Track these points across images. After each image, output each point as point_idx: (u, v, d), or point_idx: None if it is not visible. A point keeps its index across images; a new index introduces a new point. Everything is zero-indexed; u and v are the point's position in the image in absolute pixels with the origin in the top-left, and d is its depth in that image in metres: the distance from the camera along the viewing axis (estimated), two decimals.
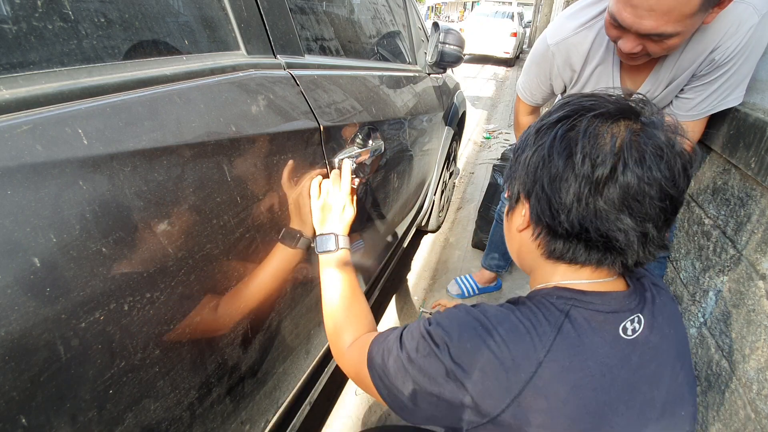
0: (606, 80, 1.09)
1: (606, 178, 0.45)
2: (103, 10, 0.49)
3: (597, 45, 1.04)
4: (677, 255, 1.27)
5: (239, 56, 0.68)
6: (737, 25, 0.87)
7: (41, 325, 0.37)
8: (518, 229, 0.56)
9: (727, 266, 1.00)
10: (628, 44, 0.86)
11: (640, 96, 0.50)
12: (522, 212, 0.55)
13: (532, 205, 0.52)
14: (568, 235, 0.49)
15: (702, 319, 1.08)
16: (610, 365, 0.48)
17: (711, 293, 1.06)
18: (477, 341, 0.48)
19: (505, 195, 0.60)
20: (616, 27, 0.87)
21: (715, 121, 1.08)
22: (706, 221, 1.13)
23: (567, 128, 0.48)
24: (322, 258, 0.77)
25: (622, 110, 0.47)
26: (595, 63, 1.07)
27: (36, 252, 0.36)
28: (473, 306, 0.54)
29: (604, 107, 0.48)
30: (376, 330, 0.71)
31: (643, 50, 0.87)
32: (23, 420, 0.37)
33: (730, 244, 1.00)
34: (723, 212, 1.05)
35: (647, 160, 0.45)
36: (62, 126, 0.40)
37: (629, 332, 0.50)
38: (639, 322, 0.51)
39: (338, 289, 0.74)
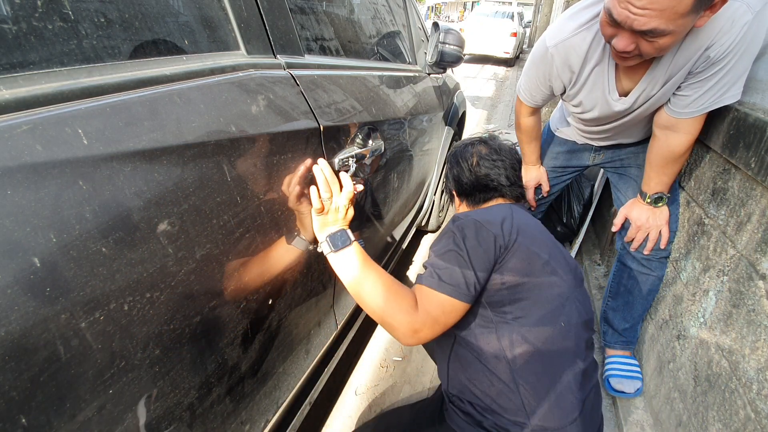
0: (603, 81, 1.09)
1: (475, 166, 1.00)
2: (103, 10, 0.49)
3: (595, 46, 1.04)
4: (677, 255, 1.27)
5: (239, 56, 0.68)
6: (732, 22, 0.88)
7: (41, 325, 0.37)
8: (457, 207, 1.07)
9: (727, 266, 1.00)
10: (621, 42, 0.87)
11: (490, 132, 1.00)
12: (455, 198, 1.07)
13: (457, 190, 1.05)
14: (472, 191, 1.01)
15: (702, 319, 1.08)
16: (536, 222, 0.90)
17: (711, 293, 1.06)
18: (479, 212, 0.86)
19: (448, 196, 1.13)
20: (611, 24, 0.87)
21: (714, 121, 1.08)
22: (706, 221, 1.13)
23: (453, 153, 1.08)
24: (338, 256, 0.79)
25: (478, 140, 1.07)
26: (593, 63, 1.07)
27: (36, 252, 0.36)
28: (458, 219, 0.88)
29: (472, 140, 1.07)
30: (409, 289, 0.83)
31: (635, 49, 0.88)
32: (23, 420, 0.37)
33: (730, 244, 1.01)
34: (723, 212, 1.05)
35: (489, 157, 1.01)
36: (62, 126, 0.40)
37: (515, 208, 0.91)
38: (532, 216, 0.94)
39: (372, 277, 0.78)
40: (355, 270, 0.79)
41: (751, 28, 0.88)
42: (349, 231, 0.82)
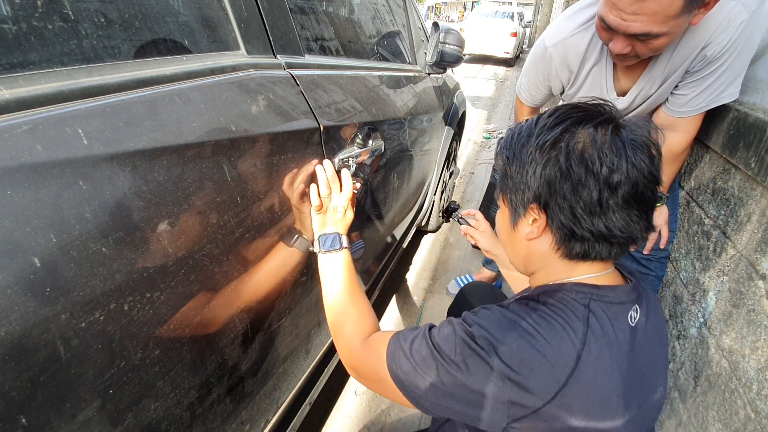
0: (601, 80, 1.10)
1: (621, 180, 0.51)
2: (103, 10, 0.49)
3: (593, 46, 1.05)
4: (677, 255, 1.27)
5: (239, 56, 0.68)
6: (728, 21, 0.89)
7: (41, 325, 0.37)
8: (528, 237, 0.59)
9: (727, 266, 1.00)
10: (618, 45, 0.88)
11: (602, 100, 0.57)
12: (529, 221, 0.58)
13: (552, 214, 0.55)
14: (592, 236, 0.54)
15: (702, 319, 1.08)
16: (626, 350, 0.54)
17: (711, 293, 1.06)
18: (521, 342, 0.51)
19: (502, 205, 0.65)
20: (606, 29, 0.89)
21: (714, 121, 1.08)
22: (706, 221, 1.13)
23: (575, 141, 0.53)
24: (324, 258, 0.78)
25: (608, 117, 0.54)
26: (591, 63, 1.08)
27: (36, 252, 0.36)
28: (502, 307, 0.57)
29: (595, 116, 0.54)
30: (379, 326, 0.72)
31: (632, 51, 0.89)
32: (23, 420, 0.37)
33: (730, 244, 1.01)
34: (723, 212, 1.05)
35: (642, 157, 0.51)
36: (62, 126, 0.40)
37: (632, 320, 0.57)
38: (637, 312, 0.58)
39: (343, 288, 0.75)
40: (333, 277, 0.76)
41: (747, 26, 0.88)
42: (343, 237, 0.79)
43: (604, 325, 0.53)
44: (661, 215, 1.22)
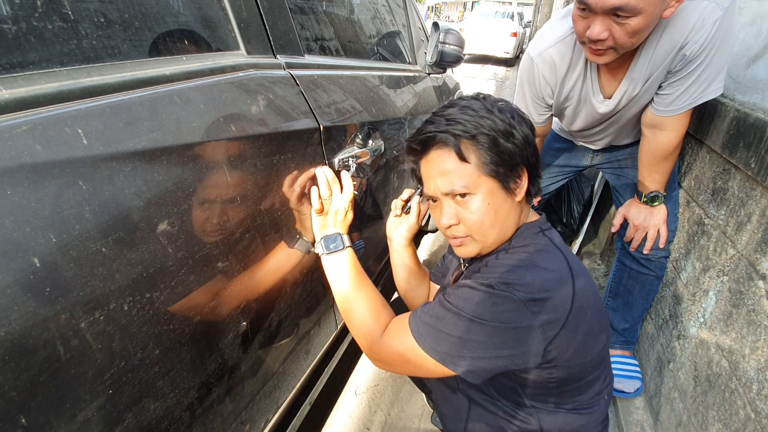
0: (587, 84, 1.13)
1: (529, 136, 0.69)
2: (103, 10, 0.49)
3: (578, 52, 1.08)
4: (677, 255, 1.27)
5: (239, 56, 0.68)
6: (702, 20, 0.91)
7: (41, 325, 0.37)
8: (518, 199, 0.70)
9: (727, 266, 1.00)
10: (596, 29, 0.89)
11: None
12: (517, 185, 0.69)
13: (531, 165, 0.69)
14: (538, 172, 0.71)
15: (702, 319, 1.08)
16: (574, 260, 0.67)
17: (711, 293, 1.06)
18: (531, 272, 0.62)
19: (489, 191, 0.72)
20: (583, 15, 0.90)
21: (714, 121, 1.08)
22: (706, 221, 1.13)
23: (504, 105, 0.70)
24: (329, 259, 0.78)
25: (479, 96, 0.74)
26: (577, 70, 1.11)
27: (36, 252, 0.36)
28: (498, 264, 0.68)
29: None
30: (394, 315, 0.75)
31: (610, 38, 0.90)
32: (23, 420, 0.37)
33: (730, 244, 1.00)
34: (723, 212, 1.05)
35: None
36: (62, 126, 0.40)
37: (557, 241, 0.71)
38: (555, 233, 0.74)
39: (353, 286, 0.76)
40: (341, 276, 0.77)
41: (723, 24, 0.90)
42: (345, 236, 0.80)
43: (560, 243, 0.69)
44: (659, 214, 1.22)
